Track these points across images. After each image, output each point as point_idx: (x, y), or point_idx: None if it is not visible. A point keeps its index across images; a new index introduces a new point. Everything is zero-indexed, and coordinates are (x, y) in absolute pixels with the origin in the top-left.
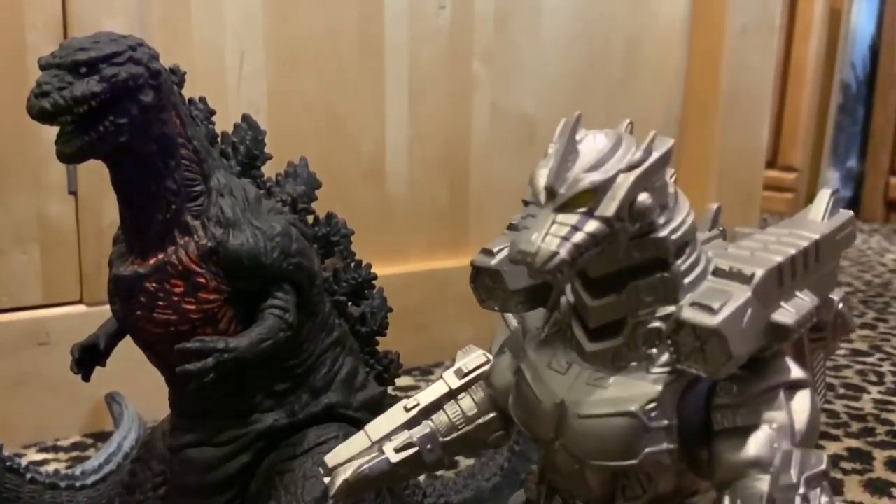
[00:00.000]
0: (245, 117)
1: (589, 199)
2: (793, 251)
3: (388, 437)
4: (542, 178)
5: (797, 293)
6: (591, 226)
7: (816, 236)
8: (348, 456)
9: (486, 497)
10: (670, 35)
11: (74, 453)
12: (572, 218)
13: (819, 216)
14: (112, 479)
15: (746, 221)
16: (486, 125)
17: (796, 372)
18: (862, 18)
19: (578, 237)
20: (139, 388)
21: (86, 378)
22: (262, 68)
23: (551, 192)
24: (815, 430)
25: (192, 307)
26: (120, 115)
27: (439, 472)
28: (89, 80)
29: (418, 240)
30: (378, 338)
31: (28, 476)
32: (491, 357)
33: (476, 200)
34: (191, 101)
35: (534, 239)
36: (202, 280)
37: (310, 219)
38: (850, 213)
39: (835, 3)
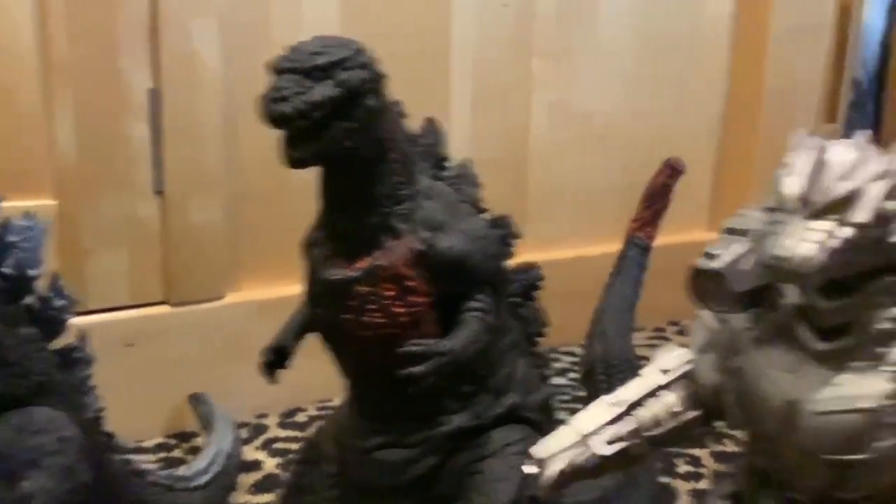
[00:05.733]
0: (430, 120)
1: (841, 206)
2: None
3: (595, 431)
4: (792, 187)
5: None
6: (845, 232)
7: None
8: (558, 448)
9: (612, 497)
10: (716, 32)
11: (161, 454)
12: (825, 225)
13: None
14: (220, 480)
15: None
16: (545, 123)
17: None
18: (873, 15)
19: (834, 242)
20: (214, 389)
21: (272, 380)
22: None
23: (804, 200)
24: None
25: (402, 310)
26: (348, 119)
27: None
28: (325, 84)
29: None
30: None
31: (150, 478)
32: (692, 356)
33: (535, 198)
34: (394, 103)
35: (788, 245)
36: (412, 283)
37: None
38: None
39: (845, 0)
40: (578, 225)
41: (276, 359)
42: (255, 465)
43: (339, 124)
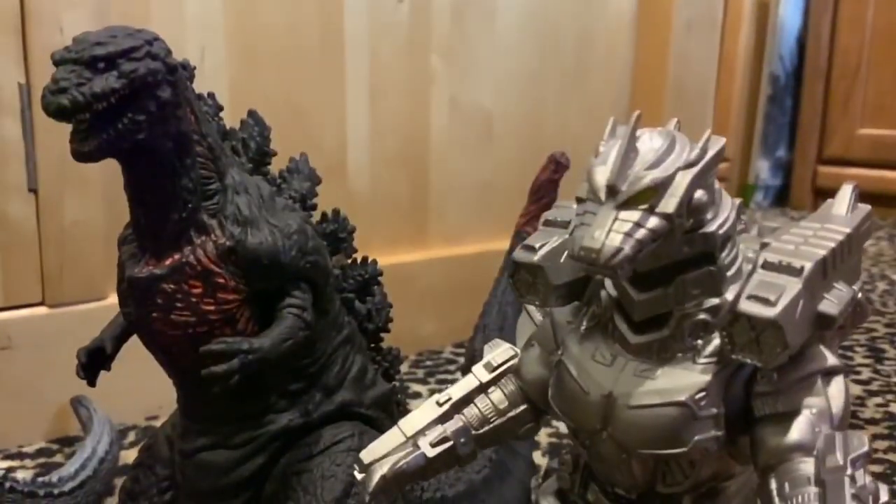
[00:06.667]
0: (251, 113)
1: (650, 196)
2: (832, 245)
3: (421, 431)
4: (602, 176)
5: (835, 284)
6: (653, 222)
7: (848, 230)
8: (384, 452)
9: (479, 489)
10: (619, 30)
11: (41, 459)
12: (634, 215)
13: (843, 210)
14: (90, 485)
15: None
16: (444, 120)
17: (831, 359)
18: (789, 11)
19: (641, 233)
20: (101, 391)
21: (92, 383)
22: (223, 64)
23: (612, 190)
24: (848, 413)
25: (211, 308)
26: (138, 112)
27: None
28: (108, 75)
29: (380, 235)
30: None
31: (7, 485)
32: (518, 351)
33: (436, 195)
34: (199, 96)
35: (597, 236)
36: (221, 280)
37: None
38: (869, 207)
39: None
40: (481, 221)
41: (93, 361)
42: None
43: (128, 117)
